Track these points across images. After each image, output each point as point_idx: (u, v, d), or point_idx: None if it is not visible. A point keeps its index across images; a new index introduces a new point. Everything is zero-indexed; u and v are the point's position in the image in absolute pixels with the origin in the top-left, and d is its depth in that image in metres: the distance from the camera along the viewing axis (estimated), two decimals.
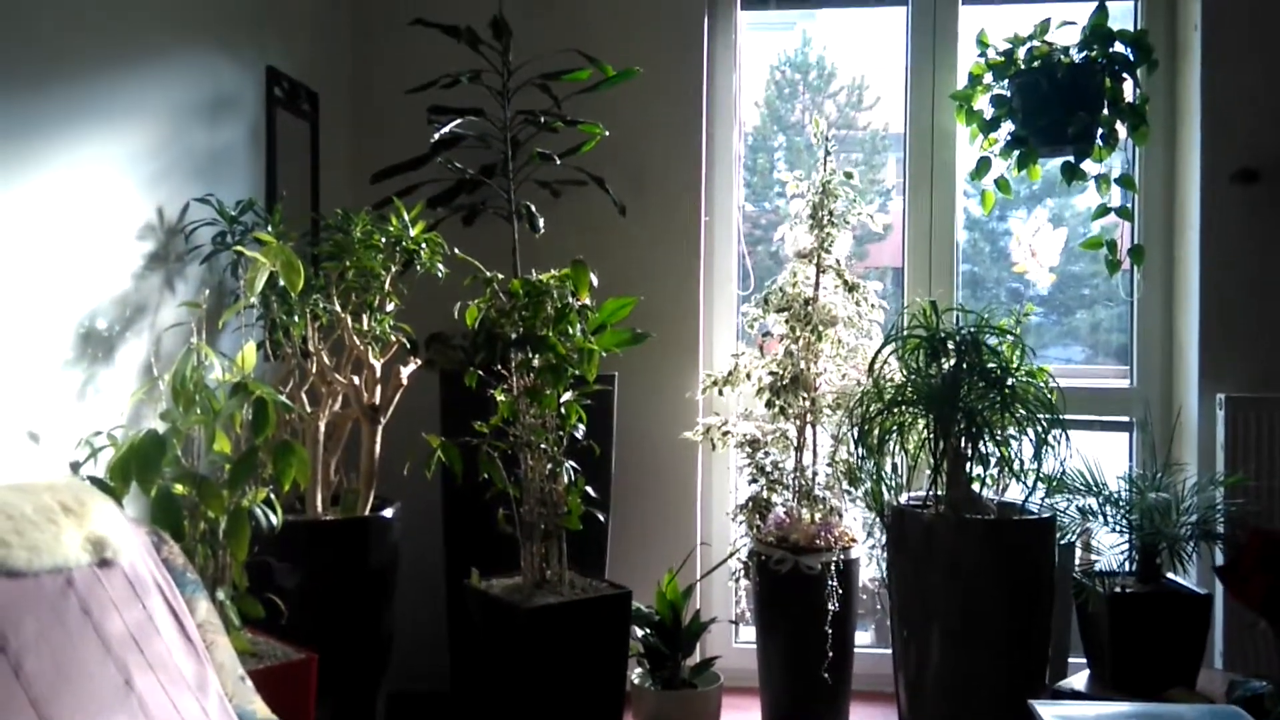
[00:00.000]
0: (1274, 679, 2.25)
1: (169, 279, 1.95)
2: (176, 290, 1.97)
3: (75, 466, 1.69)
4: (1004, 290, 3.00)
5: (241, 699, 1.45)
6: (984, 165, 2.64)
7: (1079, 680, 2.29)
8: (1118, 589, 2.32)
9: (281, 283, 1.80)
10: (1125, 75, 2.53)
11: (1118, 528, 2.39)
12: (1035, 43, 2.54)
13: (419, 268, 2.14)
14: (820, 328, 2.50)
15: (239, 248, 1.91)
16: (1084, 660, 2.38)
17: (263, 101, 2.24)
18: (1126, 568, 2.42)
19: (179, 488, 1.76)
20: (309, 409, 2.13)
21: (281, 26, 2.37)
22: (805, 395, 2.50)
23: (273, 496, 1.82)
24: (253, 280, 1.76)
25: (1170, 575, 2.37)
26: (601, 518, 2.27)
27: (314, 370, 2.11)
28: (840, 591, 2.41)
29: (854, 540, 2.50)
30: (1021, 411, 2.21)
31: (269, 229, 1.94)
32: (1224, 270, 2.58)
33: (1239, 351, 2.58)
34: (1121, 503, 2.39)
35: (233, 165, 2.14)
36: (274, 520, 1.82)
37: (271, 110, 2.24)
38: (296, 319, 2.00)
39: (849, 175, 2.56)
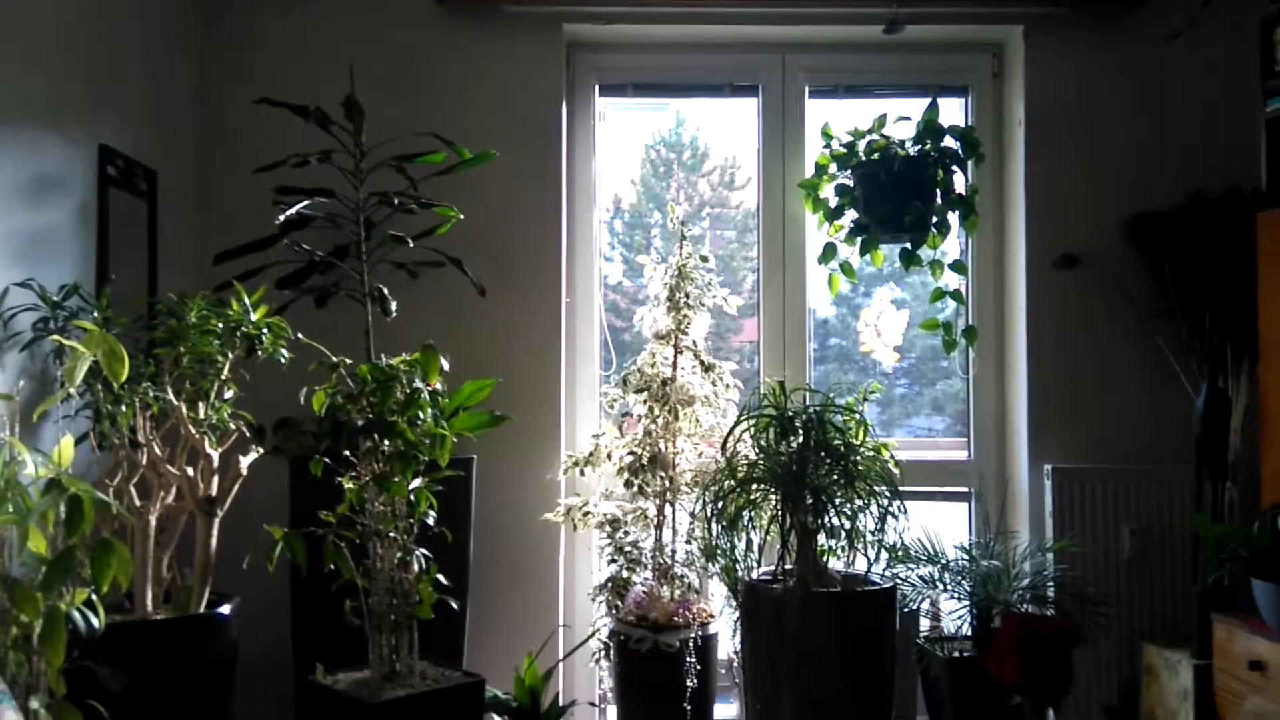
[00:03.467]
0: None
1: None
2: None
3: None
4: (870, 364, 3.17)
5: None
6: (830, 250, 2.81)
7: None
8: (956, 653, 2.47)
9: (106, 373, 1.75)
10: (955, 168, 2.75)
11: (956, 594, 2.54)
12: (874, 136, 2.75)
13: (260, 353, 2.12)
14: (678, 407, 2.59)
15: (57, 337, 1.85)
16: None
17: (94, 181, 2.19)
18: (965, 632, 2.57)
19: None
20: (139, 502, 2.05)
21: (116, 104, 2.33)
22: (664, 474, 2.58)
23: (94, 598, 1.75)
24: (72, 370, 1.71)
25: None
26: (456, 605, 2.25)
27: (144, 461, 2.04)
28: (699, 667, 2.46)
29: (712, 616, 2.57)
30: (865, 486, 2.35)
31: (95, 314, 1.89)
32: (1049, 349, 2.82)
33: (1063, 424, 2.80)
34: (959, 570, 2.56)
35: (58, 247, 2.08)
36: (95, 623, 1.75)
37: (104, 190, 2.19)
38: (124, 408, 1.94)
39: (704, 259, 2.68)
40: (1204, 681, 2.38)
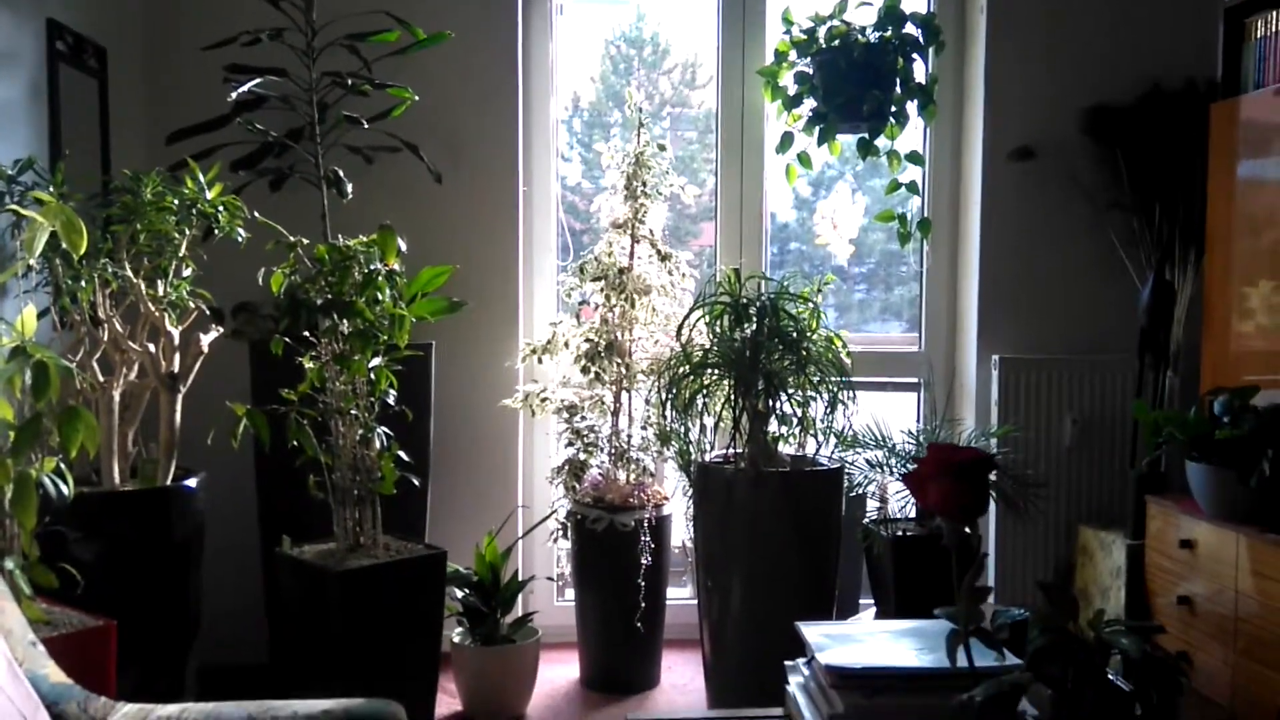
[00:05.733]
0: (1032, 608, 2.68)
1: None
2: None
3: None
4: (829, 267, 3.31)
5: (33, 664, 1.48)
6: (787, 140, 2.92)
7: (866, 617, 2.63)
8: (899, 533, 2.68)
9: (64, 245, 1.85)
10: (916, 56, 2.84)
11: (901, 477, 2.75)
12: (835, 22, 2.82)
13: (217, 232, 2.22)
14: (635, 296, 2.73)
15: (14, 207, 1.94)
16: (872, 600, 2.74)
17: (43, 56, 2.24)
18: (910, 514, 2.79)
19: None
20: (102, 378, 2.17)
21: None
22: (620, 361, 2.73)
23: (63, 466, 1.88)
24: (31, 240, 1.81)
25: None
26: (418, 482, 2.41)
27: (106, 338, 2.16)
28: (653, 546, 2.66)
29: (666, 498, 2.76)
30: (816, 373, 2.51)
31: (50, 189, 1.97)
32: (1001, 242, 2.97)
33: (1012, 316, 2.98)
34: (905, 455, 2.75)
35: (10, 123, 2.15)
36: (64, 490, 1.87)
37: (54, 66, 2.25)
38: (83, 284, 2.05)
39: (662, 147, 2.78)
40: (1136, 560, 2.59)
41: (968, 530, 1.40)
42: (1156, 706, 1.48)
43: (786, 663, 1.60)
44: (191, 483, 2.27)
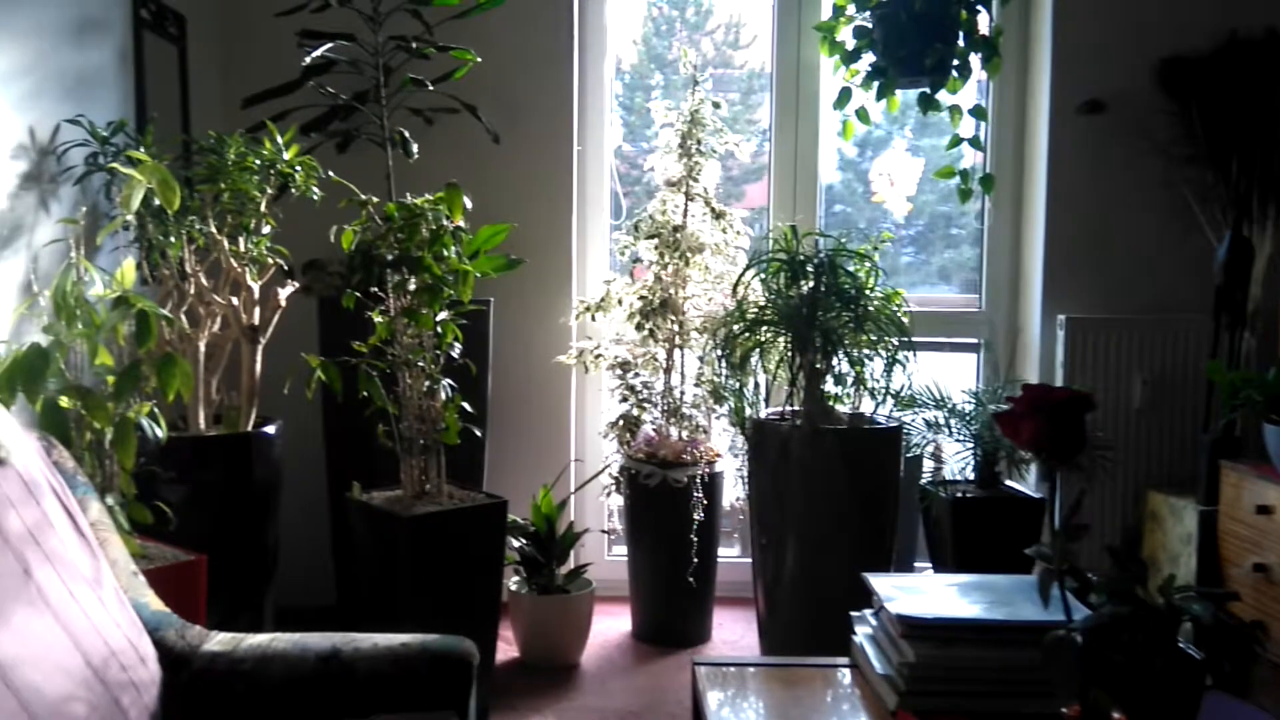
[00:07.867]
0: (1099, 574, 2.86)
1: (43, 199, 2.28)
2: (51, 210, 2.30)
3: None
4: (883, 226, 3.49)
5: (135, 592, 1.72)
6: (845, 95, 3.12)
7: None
8: (959, 494, 2.87)
9: (157, 202, 2.16)
10: (980, 6, 3.01)
11: (961, 438, 2.94)
12: None
13: (294, 191, 2.52)
14: (688, 254, 2.97)
15: (114, 165, 2.26)
16: (929, 563, 2.95)
17: (130, 23, 2.56)
18: (969, 476, 2.98)
19: (64, 400, 2.06)
20: (189, 329, 2.50)
21: None
22: (674, 319, 2.98)
23: (156, 410, 2.18)
24: (129, 197, 2.10)
25: (1008, 482, 2.95)
26: (479, 433, 2.69)
27: (192, 292, 2.48)
28: (705, 503, 2.89)
29: (718, 455, 3.01)
30: (874, 330, 2.71)
31: (141, 149, 2.29)
32: (1068, 198, 3.13)
33: (1079, 275, 3.14)
34: (965, 415, 2.95)
35: (102, 87, 2.47)
36: (159, 432, 2.16)
37: (139, 33, 2.57)
38: (173, 240, 2.37)
39: (717, 105, 3.01)
40: (1208, 526, 2.71)
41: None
42: (1229, 675, 1.59)
43: (853, 613, 1.71)
44: (270, 429, 2.58)
